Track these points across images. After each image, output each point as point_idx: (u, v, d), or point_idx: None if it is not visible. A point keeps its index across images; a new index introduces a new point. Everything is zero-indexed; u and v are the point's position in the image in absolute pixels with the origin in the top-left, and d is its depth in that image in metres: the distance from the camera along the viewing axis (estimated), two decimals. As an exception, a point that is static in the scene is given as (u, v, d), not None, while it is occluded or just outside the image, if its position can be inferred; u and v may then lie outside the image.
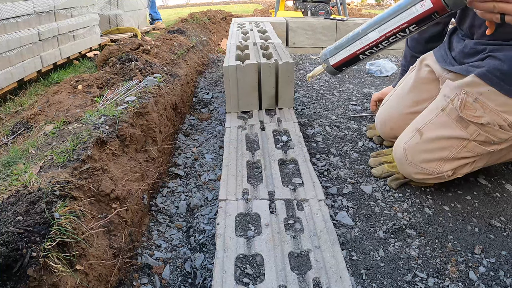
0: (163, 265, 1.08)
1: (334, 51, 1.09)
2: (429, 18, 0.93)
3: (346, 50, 1.06)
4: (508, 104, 1.11)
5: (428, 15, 0.92)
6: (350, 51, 1.06)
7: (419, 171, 1.25)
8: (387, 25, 0.98)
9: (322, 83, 2.54)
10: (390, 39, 1.00)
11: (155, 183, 1.42)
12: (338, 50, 1.08)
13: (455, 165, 1.22)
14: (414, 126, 1.28)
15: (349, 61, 1.08)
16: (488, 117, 1.13)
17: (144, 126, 1.47)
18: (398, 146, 1.30)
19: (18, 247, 0.72)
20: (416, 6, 0.92)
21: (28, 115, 1.72)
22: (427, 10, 0.91)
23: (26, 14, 2.57)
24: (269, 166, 1.31)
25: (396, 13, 0.96)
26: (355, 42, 1.04)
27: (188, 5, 12.84)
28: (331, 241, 0.97)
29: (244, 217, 1.07)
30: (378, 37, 1.00)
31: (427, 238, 1.12)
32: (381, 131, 1.60)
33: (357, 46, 1.04)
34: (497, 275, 1.00)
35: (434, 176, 1.24)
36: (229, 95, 1.75)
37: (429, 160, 1.23)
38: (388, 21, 0.98)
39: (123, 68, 2.02)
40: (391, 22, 0.97)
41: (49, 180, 0.94)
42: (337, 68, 1.11)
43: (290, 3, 6.04)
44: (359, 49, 1.04)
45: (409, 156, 1.26)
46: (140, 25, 5.10)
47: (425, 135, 1.23)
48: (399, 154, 1.29)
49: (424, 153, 1.23)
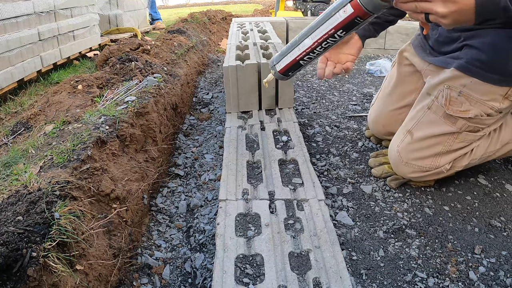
0: (163, 265, 1.08)
1: (279, 58, 1.14)
2: (353, 23, 0.96)
3: (288, 57, 1.11)
4: (492, 92, 1.12)
5: (351, 20, 0.95)
6: (291, 58, 1.10)
7: (415, 169, 1.26)
8: (318, 32, 1.02)
9: (322, 83, 2.54)
10: (323, 45, 1.04)
11: (155, 183, 1.42)
12: (282, 57, 1.13)
13: (451, 157, 1.23)
14: (404, 128, 1.29)
15: (292, 66, 1.13)
16: (475, 110, 1.14)
17: (144, 126, 1.47)
18: (392, 150, 1.31)
19: (18, 247, 0.72)
20: (340, 12, 0.95)
21: (28, 115, 1.72)
22: (349, 15, 0.94)
23: (26, 14, 2.57)
24: (269, 166, 1.31)
25: (324, 20, 0.99)
26: (294, 49, 1.09)
27: (188, 5, 12.84)
28: (331, 241, 0.97)
29: (244, 217, 1.07)
30: (311, 43, 1.04)
31: (427, 238, 1.12)
32: (375, 130, 1.61)
33: (296, 52, 1.08)
34: (497, 275, 1.00)
35: (432, 172, 1.25)
36: (229, 95, 1.75)
37: (423, 157, 1.24)
38: (318, 27, 1.01)
39: (123, 68, 2.02)
40: (320, 28, 1.01)
41: (49, 180, 0.94)
42: (284, 74, 1.16)
43: (290, 3, 6.04)
44: (298, 55, 1.08)
45: (404, 157, 1.27)
46: (140, 25, 5.10)
47: (415, 135, 1.25)
48: (394, 157, 1.30)
49: (417, 151, 1.24)
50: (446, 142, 1.21)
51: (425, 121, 1.23)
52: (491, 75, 1.10)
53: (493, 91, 1.12)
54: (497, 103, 1.14)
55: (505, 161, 1.51)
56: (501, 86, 1.11)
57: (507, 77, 1.10)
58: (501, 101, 1.14)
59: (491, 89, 1.12)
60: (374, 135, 1.66)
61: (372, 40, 3.00)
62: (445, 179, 1.37)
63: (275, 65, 1.16)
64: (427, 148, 1.23)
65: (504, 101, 1.14)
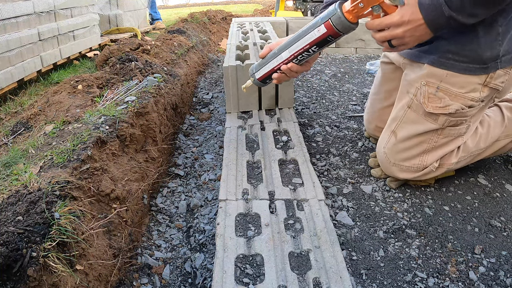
0: (163, 265, 1.08)
1: (258, 67, 1.24)
2: (326, 40, 1.08)
3: (266, 67, 1.22)
4: (470, 82, 1.11)
5: (324, 38, 1.08)
6: (269, 68, 1.21)
7: (404, 170, 1.27)
8: (295, 46, 1.13)
9: (322, 83, 2.54)
10: (298, 58, 1.15)
11: (155, 183, 1.42)
12: (261, 66, 1.23)
13: (437, 155, 1.23)
14: (388, 128, 1.29)
15: (270, 75, 1.24)
16: (455, 104, 1.13)
17: (144, 126, 1.47)
18: (379, 151, 1.32)
19: (18, 247, 0.72)
20: (314, 31, 1.07)
21: (28, 115, 1.72)
22: (323, 34, 1.06)
23: (26, 14, 2.57)
24: (269, 166, 1.31)
25: (301, 36, 1.11)
26: (272, 60, 1.20)
27: (188, 5, 12.84)
28: (331, 241, 0.97)
29: (244, 217, 1.07)
30: (288, 56, 1.15)
31: (427, 238, 1.12)
32: (370, 130, 1.62)
33: (274, 63, 1.20)
34: (497, 275, 1.00)
35: (421, 173, 1.25)
36: (229, 95, 1.75)
37: (410, 157, 1.24)
38: (295, 43, 1.13)
39: (123, 68, 2.02)
40: (297, 43, 1.12)
41: (49, 180, 0.94)
42: (262, 81, 1.27)
43: (290, 3, 6.04)
44: (276, 65, 1.19)
45: (391, 158, 1.27)
46: (140, 25, 5.10)
47: (399, 135, 1.24)
48: (382, 158, 1.31)
49: (403, 152, 1.25)
50: (431, 139, 1.21)
51: (407, 121, 1.23)
52: (465, 65, 1.09)
53: (471, 81, 1.10)
54: (476, 93, 1.12)
55: (505, 161, 1.51)
56: (478, 75, 1.09)
57: (482, 64, 1.07)
58: (480, 90, 1.11)
59: (468, 80, 1.10)
60: (372, 136, 1.67)
61: (372, 40, 3.00)
62: (445, 179, 1.37)
63: (254, 73, 1.26)
64: (412, 148, 1.23)
65: (484, 89, 1.12)
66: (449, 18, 0.95)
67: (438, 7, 0.95)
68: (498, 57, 1.06)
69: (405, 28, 1.00)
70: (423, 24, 0.99)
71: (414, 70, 1.22)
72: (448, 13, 0.94)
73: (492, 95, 1.16)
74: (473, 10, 0.93)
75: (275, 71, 1.21)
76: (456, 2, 0.92)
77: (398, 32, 1.01)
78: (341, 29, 1.05)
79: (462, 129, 1.20)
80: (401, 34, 1.01)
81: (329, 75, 2.71)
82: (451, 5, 0.93)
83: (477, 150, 1.28)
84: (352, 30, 1.07)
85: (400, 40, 1.03)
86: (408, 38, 1.02)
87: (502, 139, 1.32)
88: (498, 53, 1.06)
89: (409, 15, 0.98)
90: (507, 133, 1.31)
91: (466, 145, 1.25)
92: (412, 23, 0.99)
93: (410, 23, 0.99)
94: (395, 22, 1.00)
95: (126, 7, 4.64)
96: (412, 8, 0.98)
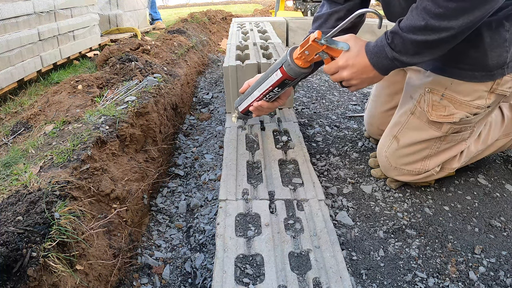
0: (163, 265, 1.08)
1: (239, 101, 1.35)
2: (284, 83, 1.18)
3: (245, 102, 1.32)
4: (476, 90, 1.08)
5: (282, 81, 1.17)
6: (247, 103, 1.31)
7: (405, 173, 1.26)
8: (262, 87, 1.23)
9: (322, 83, 2.54)
10: (267, 96, 1.24)
11: (155, 183, 1.42)
12: (241, 101, 1.34)
13: (440, 160, 1.22)
14: (389, 132, 1.28)
15: (249, 110, 1.33)
16: (460, 113, 1.11)
17: (144, 126, 1.47)
18: (380, 154, 1.31)
19: (18, 247, 0.72)
20: (273, 75, 1.17)
21: (28, 115, 1.72)
22: (280, 78, 1.16)
23: (26, 14, 2.57)
24: (269, 166, 1.31)
25: (265, 78, 1.21)
26: (248, 97, 1.30)
27: (188, 5, 12.83)
28: (331, 241, 0.97)
29: (244, 217, 1.07)
30: (259, 94, 1.25)
31: (427, 238, 1.12)
32: (371, 132, 1.62)
33: (250, 100, 1.30)
34: (497, 275, 1.00)
35: (422, 176, 1.25)
36: (229, 95, 1.75)
37: (412, 162, 1.23)
38: (262, 83, 1.22)
39: (123, 68, 2.02)
40: (263, 84, 1.22)
41: (49, 180, 0.94)
42: (245, 114, 1.37)
43: (290, 3, 6.04)
44: (251, 102, 1.29)
45: (392, 162, 1.27)
46: (140, 25, 5.10)
47: (401, 141, 1.23)
48: (383, 161, 1.30)
49: (405, 157, 1.24)
50: (434, 146, 1.20)
51: (409, 127, 1.21)
52: (471, 72, 1.06)
53: (477, 89, 1.07)
54: (482, 100, 1.09)
55: (505, 161, 1.51)
56: (484, 82, 1.06)
57: (488, 71, 1.04)
58: (487, 97, 1.09)
59: (474, 87, 1.08)
60: (372, 136, 1.67)
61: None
62: (445, 179, 1.37)
63: (237, 107, 1.36)
64: (414, 153, 1.22)
65: (491, 95, 1.09)
66: (392, 59, 0.96)
67: (381, 49, 0.97)
68: (505, 64, 1.03)
69: (351, 71, 1.03)
70: (369, 66, 1.01)
71: (418, 76, 1.21)
72: (391, 55, 0.95)
73: (499, 101, 1.13)
74: (417, 49, 0.92)
75: (251, 106, 1.31)
76: (399, 42, 0.93)
77: (345, 75, 1.05)
78: (293, 75, 1.13)
79: (466, 135, 1.19)
80: (347, 76, 1.04)
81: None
82: (394, 46, 0.94)
83: (479, 151, 1.28)
84: (305, 74, 1.15)
85: (348, 81, 1.07)
86: (355, 80, 1.05)
87: (501, 138, 1.32)
88: (505, 59, 1.03)
89: (353, 58, 1.02)
90: (506, 132, 1.31)
91: (469, 150, 1.25)
92: (356, 66, 1.02)
93: (355, 66, 1.02)
94: (340, 65, 1.04)
95: (126, 7, 4.64)
96: (358, 51, 1.01)
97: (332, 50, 1.05)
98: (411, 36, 0.90)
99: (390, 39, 0.94)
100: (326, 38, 1.04)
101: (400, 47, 0.93)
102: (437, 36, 0.87)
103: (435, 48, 0.92)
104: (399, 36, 0.92)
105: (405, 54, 0.94)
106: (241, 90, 1.32)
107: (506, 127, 1.31)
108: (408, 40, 0.91)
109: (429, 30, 0.87)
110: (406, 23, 0.91)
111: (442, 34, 0.87)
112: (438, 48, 0.93)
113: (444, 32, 0.86)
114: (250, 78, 1.33)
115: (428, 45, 0.90)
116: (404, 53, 0.94)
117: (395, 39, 0.93)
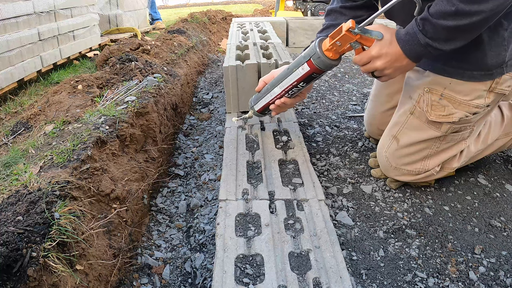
0: (163, 265, 1.08)
1: (256, 100, 1.34)
2: (310, 77, 1.16)
3: (263, 101, 1.31)
4: (475, 90, 1.08)
5: (309, 75, 1.15)
6: (265, 101, 1.30)
7: (405, 173, 1.26)
8: (284, 83, 1.21)
9: (322, 83, 2.54)
10: (289, 92, 1.23)
11: (155, 183, 1.42)
12: (258, 100, 1.33)
13: (440, 159, 1.22)
14: (389, 132, 1.28)
15: (267, 107, 1.33)
16: (459, 113, 1.11)
17: (144, 126, 1.47)
18: (380, 154, 1.31)
19: (18, 247, 0.72)
20: (299, 69, 1.15)
21: (28, 115, 1.72)
22: (307, 72, 1.14)
23: (26, 14, 2.57)
24: (269, 166, 1.31)
25: (288, 73, 1.19)
26: (267, 95, 1.29)
27: (188, 5, 12.84)
28: (331, 241, 0.97)
29: (244, 217, 1.07)
30: (280, 91, 1.24)
31: (427, 238, 1.12)
32: (371, 133, 1.62)
33: (269, 98, 1.28)
34: (497, 275, 1.00)
35: (422, 176, 1.25)
36: (229, 95, 1.75)
37: (412, 162, 1.23)
38: (285, 79, 1.21)
39: (123, 68, 2.02)
40: (286, 80, 1.20)
41: (49, 180, 0.94)
42: (261, 112, 1.36)
43: (290, 3, 6.04)
44: (270, 100, 1.28)
45: (392, 162, 1.27)
46: (140, 25, 5.10)
47: (401, 141, 1.23)
48: (383, 162, 1.30)
49: (405, 157, 1.24)
50: (433, 145, 1.20)
51: (409, 127, 1.21)
52: (470, 72, 1.06)
53: (476, 88, 1.08)
54: (481, 99, 1.09)
55: (505, 161, 1.51)
56: (483, 81, 1.07)
57: (487, 70, 1.05)
58: (486, 96, 1.09)
59: (473, 87, 1.08)
60: (372, 136, 1.67)
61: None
62: (445, 179, 1.37)
63: (253, 106, 1.36)
64: (414, 153, 1.22)
65: (490, 95, 1.09)
66: (426, 45, 0.95)
67: (413, 36, 0.96)
68: (504, 63, 1.04)
69: (384, 60, 1.02)
70: (402, 55, 1.00)
71: (417, 76, 1.20)
72: (424, 41, 0.94)
73: (498, 100, 1.14)
74: (449, 35, 0.92)
75: (271, 104, 1.29)
76: (430, 29, 0.92)
77: (378, 64, 1.03)
78: (322, 67, 1.10)
79: (465, 134, 1.19)
80: (381, 66, 1.03)
81: (329, 75, 2.71)
82: (425, 33, 0.93)
83: (478, 151, 1.28)
84: (334, 66, 1.12)
85: (381, 71, 1.05)
86: (388, 69, 1.04)
87: (501, 137, 1.32)
88: (504, 58, 1.03)
89: (386, 47, 1.00)
90: (506, 132, 1.31)
91: (469, 150, 1.25)
92: (390, 55, 1.01)
93: (389, 55, 1.01)
94: (373, 55, 1.03)
95: (126, 7, 4.65)
96: (390, 40, 1.00)
97: (365, 40, 1.03)
98: (442, 22, 0.89)
99: (421, 26, 0.93)
100: (360, 27, 1.01)
101: (432, 34, 0.92)
102: (468, 20, 0.87)
103: (467, 32, 0.92)
104: (429, 23, 0.91)
105: (437, 40, 0.93)
106: (257, 89, 1.30)
107: (506, 126, 1.31)
108: (439, 26, 0.90)
109: (459, 15, 0.86)
110: (435, 8, 0.89)
111: (474, 18, 0.86)
112: (471, 33, 0.92)
113: (476, 16, 0.86)
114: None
115: (460, 30, 0.90)
116: (436, 39, 0.93)
117: (426, 25, 0.92)
